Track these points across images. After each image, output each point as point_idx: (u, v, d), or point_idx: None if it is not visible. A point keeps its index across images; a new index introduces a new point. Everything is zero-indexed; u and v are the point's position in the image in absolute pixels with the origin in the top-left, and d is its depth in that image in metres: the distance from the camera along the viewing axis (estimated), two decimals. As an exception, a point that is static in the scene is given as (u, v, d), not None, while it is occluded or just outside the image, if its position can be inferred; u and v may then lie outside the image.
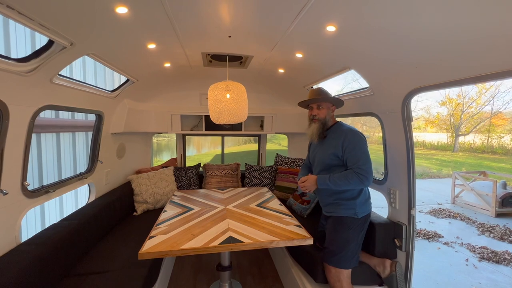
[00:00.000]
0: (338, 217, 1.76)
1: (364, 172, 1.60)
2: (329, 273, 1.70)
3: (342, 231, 1.70)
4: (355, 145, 1.66)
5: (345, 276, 1.66)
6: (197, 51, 2.08)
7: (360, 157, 1.63)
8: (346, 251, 1.67)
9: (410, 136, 1.71)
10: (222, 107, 2.07)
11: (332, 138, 1.77)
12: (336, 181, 1.66)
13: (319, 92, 1.84)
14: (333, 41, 1.58)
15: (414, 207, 1.75)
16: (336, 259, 1.68)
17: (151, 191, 2.84)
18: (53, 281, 1.54)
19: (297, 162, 3.29)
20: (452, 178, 6.46)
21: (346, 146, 1.67)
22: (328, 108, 1.83)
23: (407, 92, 1.60)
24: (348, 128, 1.75)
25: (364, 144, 1.69)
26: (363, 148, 1.66)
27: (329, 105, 1.83)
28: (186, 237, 1.67)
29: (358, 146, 1.66)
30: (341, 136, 1.71)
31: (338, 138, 1.73)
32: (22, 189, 1.58)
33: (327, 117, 1.82)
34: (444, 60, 1.26)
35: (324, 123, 1.82)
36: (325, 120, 1.81)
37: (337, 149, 1.71)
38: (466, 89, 17.34)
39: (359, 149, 1.65)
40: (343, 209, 1.73)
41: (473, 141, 18.56)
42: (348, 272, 1.67)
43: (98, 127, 2.49)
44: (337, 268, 1.67)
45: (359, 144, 1.67)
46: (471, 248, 3.86)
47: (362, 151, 1.65)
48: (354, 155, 1.65)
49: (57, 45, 1.39)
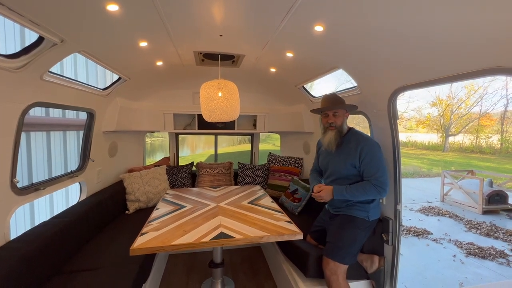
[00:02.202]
0: (349, 215, 1.79)
1: (381, 184, 1.63)
2: (327, 266, 1.73)
3: (351, 229, 1.74)
4: (373, 156, 1.67)
5: (341, 270, 1.69)
6: (189, 50, 2.10)
7: (378, 169, 1.65)
8: (351, 249, 1.72)
9: (396, 134, 1.77)
10: (214, 105, 2.09)
11: (349, 147, 1.76)
12: (353, 192, 1.68)
13: (334, 99, 1.82)
14: (321, 40, 1.63)
15: (400, 202, 1.80)
16: (340, 254, 1.71)
17: (144, 189, 2.84)
18: (43, 279, 1.54)
19: (289, 160, 3.33)
20: (441, 177, 6.61)
21: (364, 157, 1.67)
22: (344, 115, 1.82)
23: (393, 91, 1.65)
24: (365, 137, 1.75)
25: (380, 154, 1.70)
26: (380, 159, 1.68)
27: (344, 112, 1.82)
28: (178, 233, 1.68)
29: (376, 157, 1.67)
30: (358, 146, 1.71)
31: (355, 147, 1.72)
32: (11, 186, 1.57)
33: (344, 125, 1.82)
34: (428, 59, 1.31)
35: (341, 130, 1.81)
36: (342, 127, 1.81)
37: (354, 159, 1.71)
38: (456, 90, 17.80)
39: (377, 160, 1.66)
40: (357, 210, 1.77)
41: (463, 141, 19.03)
42: (345, 268, 1.71)
43: (89, 125, 2.48)
44: (336, 263, 1.70)
45: (376, 154, 1.68)
46: (458, 244, 3.96)
47: (380, 162, 1.67)
48: (372, 166, 1.66)
49: (47, 42, 1.39)
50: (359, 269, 1.90)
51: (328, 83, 21.42)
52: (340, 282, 1.67)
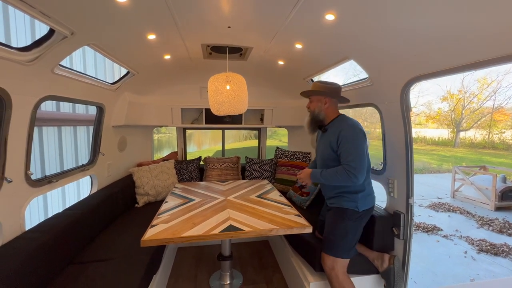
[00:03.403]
0: (339, 208, 1.77)
1: (352, 169, 1.57)
2: (324, 261, 1.73)
3: (341, 221, 1.72)
4: (348, 140, 1.63)
5: (339, 265, 1.68)
6: (196, 43, 2.09)
7: (351, 153, 1.60)
8: (343, 242, 1.69)
9: (409, 125, 1.72)
10: (222, 99, 2.08)
11: (331, 132, 1.77)
12: (326, 176, 1.69)
13: (313, 86, 1.86)
14: (332, 30, 1.58)
15: (412, 196, 1.77)
16: (333, 248, 1.71)
17: (152, 183, 2.87)
18: (58, 268, 1.58)
19: (297, 155, 3.31)
20: (452, 173, 6.47)
21: (341, 141, 1.65)
22: (319, 100, 1.82)
23: (406, 81, 1.60)
24: (346, 123, 1.72)
25: (359, 140, 1.63)
26: (356, 144, 1.61)
27: (319, 98, 1.82)
28: (187, 225, 1.70)
29: (352, 141, 1.62)
30: (338, 130, 1.70)
31: (335, 132, 1.71)
32: (25, 178, 1.60)
33: (317, 110, 1.82)
34: (444, 47, 1.26)
35: (316, 116, 1.83)
36: (314, 112, 1.83)
37: (332, 143, 1.71)
38: (468, 84, 17.29)
39: (352, 145, 1.61)
40: (345, 201, 1.75)
41: (474, 137, 18.53)
42: (343, 262, 1.69)
43: (99, 119, 2.51)
44: (332, 257, 1.69)
45: (354, 139, 1.63)
46: (470, 241, 3.89)
47: (355, 147, 1.61)
48: (346, 150, 1.63)
49: (58, 35, 1.39)
50: (370, 265, 1.88)
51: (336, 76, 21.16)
52: (339, 277, 1.65)
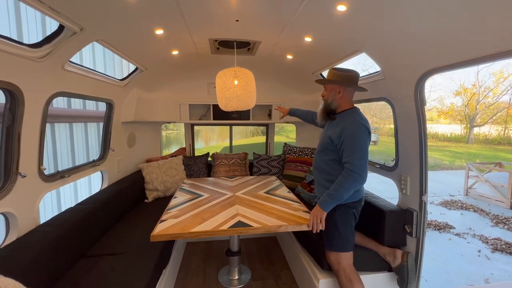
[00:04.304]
0: None
1: (356, 168, 1.51)
2: (328, 258, 1.72)
3: (329, 216, 1.66)
4: (353, 138, 1.56)
5: (344, 259, 1.66)
6: (204, 37, 2.07)
7: (355, 151, 1.53)
8: (336, 235, 1.67)
9: (423, 120, 1.66)
10: (230, 94, 2.06)
11: (337, 123, 1.70)
12: (333, 193, 1.57)
13: (328, 73, 1.77)
14: (343, 22, 1.53)
15: (426, 193, 1.71)
16: (330, 244, 1.69)
17: (161, 179, 2.90)
18: (71, 261, 1.61)
19: (305, 151, 3.27)
20: (465, 170, 6.28)
21: (344, 138, 1.58)
22: (333, 89, 1.72)
23: (421, 74, 1.53)
24: (354, 119, 1.64)
25: (363, 138, 1.56)
26: (361, 143, 1.55)
27: (333, 87, 1.72)
28: (196, 221, 1.70)
29: (357, 139, 1.55)
30: (342, 124, 1.63)
31: (340, 125, 1.65)
32: (39, 173, 1.64)
33: (330, 99, 1.74)
34: (461, 38, 1.19)
35: (327, 104, 1.76)
36: (328, 101, 1.75)
37: (334, 135, 1.65)
38: (483, 78, 16.71)
39: (357, 143, 1.54)
40: None
41: (489, 132, 17.93)
42: (346, 255, 1.67)
43: (109, 115, 2.54)
44: (335, 252, 1.68)
45: (358, 137, 1.56)
46: (484, 239, 3.78)
47: (360, 145, 1.54)
48: (349, 148, 1.55)
49: (67, 31, 1.40)
50: (380, 261, 1.84)
51: (344, 72, 20.69)
52: (345, 270, 1.64)
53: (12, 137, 1.39)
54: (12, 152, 1.40)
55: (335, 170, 1.67)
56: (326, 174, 1.73)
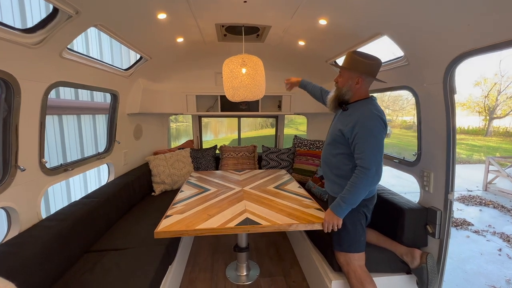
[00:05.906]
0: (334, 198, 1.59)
1: (370, 164, 1.37)
2: (338, 259, 1.63)
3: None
4: (367, 132, 1.41)
5: (354, 260, 1.55)
6: (210, 23, 1.93)
7: (369, 146, 1.40)
8: (344, 234, 1.56)
9: (453, 111, 1.48)
10: (238, 83, 1.93)
11: (349, 114, 1.54)
12: (346, 196, 1.45)
13: (347, 57, 1.56)
14: (364, 0, 1.36)
15: (452, 191, 1.56)
16: (339, 244, 1.59)
17: (168, 172, 2.84)
18: (74, 256, 1.58)
19: (316, 144, 3.13)
20: (485, 164, 5.97)
21: (358, 131, 1.43)
22: (350, 78, 1.53)
23: (453, 58, 1.35)
24: (369, 110, 1.47)
25: (379, 132, 1.42)
26: (377, 137, 1.41)
27: (351, 75, 1.53)
28: (202, 217, 1.63)
29: (372, 133, 1.41)
30: (355, 116, 1.47)
31: (353, 116, 1.49)
32: (40, 166, 1.58)
33: (345, 89, 1.56)
34: (508, 13, 1.01)
35: (341, 93, 1.58)
36: (342, 90, 1.57)
37: (346, 128, 1.49)
38: (505, 67, 15.75)
39: (372, 137, 1.40)
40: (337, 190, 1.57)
41: (510, 125, 17.03)
42: (357, 256, 1.56)
43: (114, 107, 2.47)
44: (343, 252, 1.58)
45: (372, 131, 1.41)
46: (505, 238, 3.59)
47: (375, 140, 1.40)
48: (363, 142, 1.41)
49: (62, 14, 1.30)
50: (397, 262, 1.72)
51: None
52: (356, 272, 1.53)
53: (9, 129, 1.33)
54: (10, 144, 1.34)
55: (345, 165, 1.54)
56: (335, 168, 1.60)
